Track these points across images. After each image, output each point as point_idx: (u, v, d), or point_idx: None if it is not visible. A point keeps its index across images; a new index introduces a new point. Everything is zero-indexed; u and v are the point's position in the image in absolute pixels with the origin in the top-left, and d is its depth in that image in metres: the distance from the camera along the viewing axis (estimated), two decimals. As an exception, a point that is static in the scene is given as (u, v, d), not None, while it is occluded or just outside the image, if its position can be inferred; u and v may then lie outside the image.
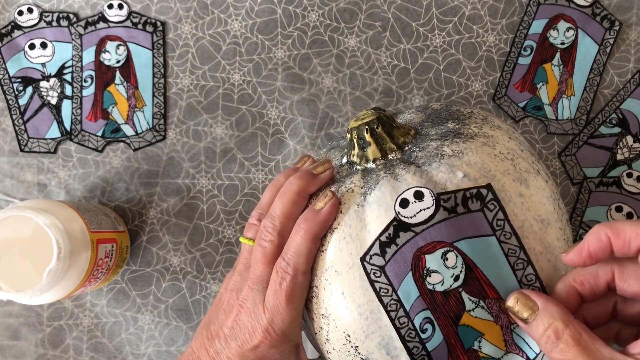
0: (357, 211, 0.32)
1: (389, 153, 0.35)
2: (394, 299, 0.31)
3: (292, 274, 0.33)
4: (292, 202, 0.34)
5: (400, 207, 0.31)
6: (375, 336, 0.31)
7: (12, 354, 0.51)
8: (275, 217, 0.34)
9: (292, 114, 0.52)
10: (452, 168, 0.32)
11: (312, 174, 0.35)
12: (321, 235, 0.33)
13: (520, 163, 0.33)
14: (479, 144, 0.33)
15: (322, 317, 0.33)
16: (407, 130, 0.36)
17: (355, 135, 0.36)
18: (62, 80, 0.52)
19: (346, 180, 0.35)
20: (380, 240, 0.31)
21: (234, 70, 0.52)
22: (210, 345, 0.35)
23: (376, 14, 0.53)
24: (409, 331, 0.31)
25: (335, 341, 0.33)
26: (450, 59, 0.52)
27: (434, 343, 0.31)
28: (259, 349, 0.33)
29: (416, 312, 0.31)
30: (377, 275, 0.31)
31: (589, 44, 0.52)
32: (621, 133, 0.51)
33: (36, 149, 0.52)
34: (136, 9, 0.53)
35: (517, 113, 0.52)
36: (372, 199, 0.32)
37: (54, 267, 0.39)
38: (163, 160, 0.52)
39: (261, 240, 0.35)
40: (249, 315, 0.34)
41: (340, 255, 0.32)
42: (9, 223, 0.41)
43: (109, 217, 0.48)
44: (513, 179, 0.32)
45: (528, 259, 0.31)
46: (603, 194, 0.50)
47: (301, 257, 0.33)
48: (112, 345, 0.51)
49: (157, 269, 0.51)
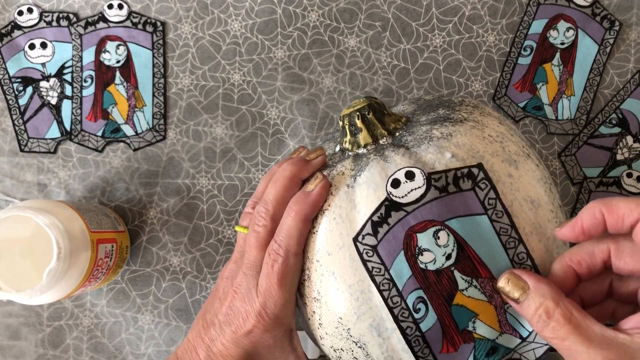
0: (347, 192, 0.33)
1: (380, 138, 0.36)
2: (386, 278, 0.31)
3: (284, 256, 0.33)
4: (285, 187, 0.35)
5: (391, 187, 0.31)
6: (366, 317, 0.31)
7: (12, 354, 0.51)
8: (268, 202, 0.35)
9: (292, 114, 0.52)
10: (440, 149, 0.32)
11: (305, 160, 0.36)
12: (312, 217, 0.33)
13: (510, 146, 0.33)
14: (468, 127, 0.34)
15: (315, 300, 0.33)
16: (398, 118, 0.37)
17: (347, 122, 0.36)
18: (62, 80, 0.52)
19: (337, 165, 0.35)
20: (372, 220, 0.31)
21: (234, 70, 0.52)
22: (205, 333, 0.35)
23: (376, 14, 0.53)
24: (402, 311, 0.31)
25: (327, 325, 0.33)
26: (450, 59, 0.52)
27: (427, 323, 0.31)
28: (252, 333, 0.33)
29: (409, 292, 0.31)
30: (369, 255, 0.31)
31: (589, 44, 0.52)
32: (621, 133, 0.51)
33: (36, 149, 0.52)
34: (136, 9, 0.53)
35: (517, 113, 0.52)
36: (362, 179, 0.33)
37: (54, 267, 0.39)
38: (163, 160, 0.52)
39: (255, 225, 0.35)
40: (243, 300, 0.34)
41: (330, 236, 0.32)
42: (9, 223, 0.41)
43: (109, 217, 0.48)
44: (502, 160, 0.32)
45: (519, 238, 0.31)
46: (603, 194, 0.50)
47: (292, 238, 0.33)
48: (112, 345, 0.51)
49: (157, 269, 0.51)
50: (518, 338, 0.31)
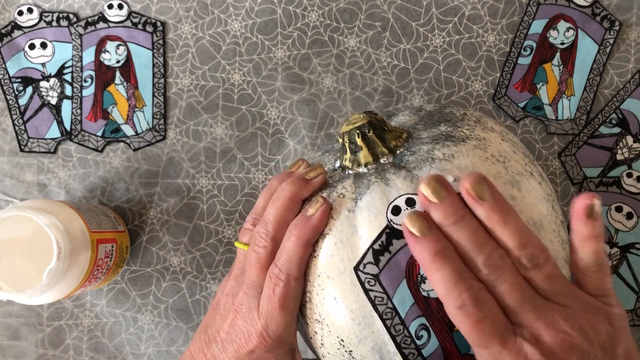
0: (347, 217, 0.33)
1: (380, 157, 0.35)
2: (389, 307, 0.31)
3: (285, 280, 0.33)
4: (285, 208, 0.34)
5: (392, 214, 0.31)
6: (368, 341, 0.31)
7: (12, 354, 0.51)
8: (268, 222, 0.35)
9: (292, 114, 0.52)
10: (442, 172, 0.32)
11: (305, 179, 0.35)
12: (313, 241, 0.33)
13: (513, 165, 0.33)
14: (470, 147, 0.33)
15: (316, 322, 0.33)
16: (399, 134, 0.36)
17: (347, 139, 0.36)
18: (62, 80, 0.52)
19: (338, 186, 0.35)
20: (374, 249, 0.31)
21: (234, 70, 0.52)
22: (207, 349, 0.35)
23: (376, 14, 0.53)
24: (404, 338, 0.31)
25: (329, 346, 0.33)
26: (450, 59, 0.52)
27: (429, 349, 0.31)
28: (254, 353, 0.33)
29: (411, 319, 0.31)
30: (371, 284, 0.31)
31: (589, 44, 0.52)
32: (621, 133, 0.51)
33: (36, 149, 0.52)
34: (136, 9, 0.53)
35: (517, 113, 0.52)
36: (363, 204, 0.32)
37: (54, 267, 0.39)
38: (163, 160, 0.52)
39: (255, 246, 0.35)
40: (245, 320, 0.34)
41: (331, 260, 0.32)
42: (9, 223, 0.41)
43: (109, 217, 0.48)
44: (504, 182, 0.32)
45: None
46: (603, 194, 0.50)
47: (293, 263, 0.33)
48: (112, 345, 0.51)
49: (157, 269, 0.51)
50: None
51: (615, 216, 0.50)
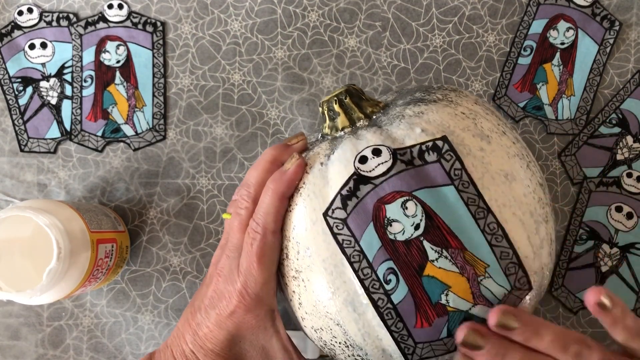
0: (320, 169, 0.34)
1: (357, 122, 0.36)
2: (356, 250, 0.31)
3: (262, 233, 0.33)
4: (266, 170, 0.36)
5: (359, 163, 0.32)
6: (340, 292, 0.32)
7: (12, 354, 0.51)
8: (250, 184, 0.36)
9: (292, 114, 0.52)
10: (411, 125, 0.33)
11: (286, 144, 0.37)
12: (288, 194, 0.34)
13: (483, 123, 0.34)
14: (441, 106, 0.34)
15: (293, 278, 0.34)
16: (376, 102, 0.37)
17: (326, 107, 0.37)
18: (62, 80, 0.52)
19: (315, 148, 0.36)
20: (342, 194, 0.32)
21: (234, 70, 0.52)
22: (192, 319, 0.36)
23: (376, 14, 0.53)
24: (372, 282, 0.31)
25: (306, 303, 0.33)
26: (450, 59, 0.52)
27: (399, 295, 0.31)
28: (235, 314, 0.34)
29: (379, 263, 0.31)
30: (339, 228, 0.32)
31: (589, 44, 0.52)
32: (621, 133, 0.51)
33: (36, 149, 0.52)
34: (136, 9, 0.53)
35: (517, 113, 0.52)
36: (335, 157, 0.33)
37: (54, 267, 0.39)
38: (163, 160, 0.52)
39: (237, 208, 0.36)
40: (226, 281, 0.35)
41: (305, 212, 0.33)
42: (9, 223, 0.41)
43: (109, 217, 0.48)
44: (473, 135, 0.33)
45: (487, 208, 0.31)
46: (603, 194, 0.50)
47: (269, 215, 0.34)
48: (112, 345, 0.51)
49: (157, 269, 0.51)
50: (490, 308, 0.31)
51: (615, 216, 0.50)
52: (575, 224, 0.50)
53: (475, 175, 0.31)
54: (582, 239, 0.50)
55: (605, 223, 0.50)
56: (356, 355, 0.33)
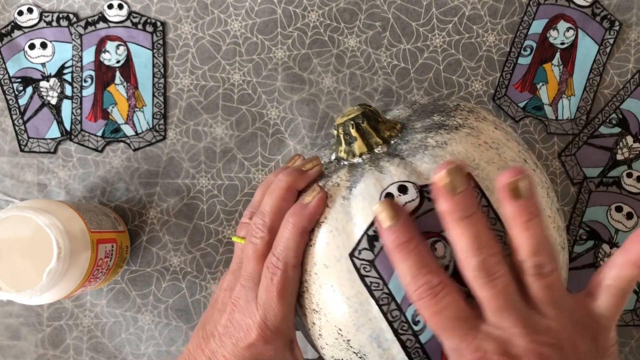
0: (342, 204, 0.33)
1: (375, 147, 0.35)
2: (385, 293, 0.31)
3: (283, 269, 0.33)
4: (281, 198, 0.34)
5: None
6: (365, 329, 0.31)
7: (12, 354, 0.51)
8: (265, 213, 0.35)
9: (292, 114, 0.52)
10: (435, 158, 0.32)
11: (301, 170, 0.36)
12: (309, 229, 0.33)
13: (506, 152, 0.33)
14: (463, 135, 0.33)
15: (314, 312, 0.33)
16: (393, 125, 0.36)
17: (342, 131, 0.36)
18: (62, 80, 0.52)
19: (333, 176, 0.35)
20: (368, 235, 0.31)
21: (234, 70, 0.52)
22: (206, 345, 0.35)
23: (376, 14, 0.53)
24: (401, 324, 0.31)
25: (327, 336, 0.33)
26: (450, 59, 0.52)
27: (427, 335, 0.31)
28: (254, 346, 0.33)
29: (408, 305, 0.31)
30: (367, 270, 0.31)
31: (589, 44, 0.52)
32: (621, 133, 0.51)
33: (36, 149, 0.52)
34: (136, 9, 0.53)
35: (517, 113, 0.52)
36: (357, 191, 0.32)
37: (54, 267, 0.39)
38: (163, 160, 0.52)
39: (252, 237, 0.35)
40: (243, 313, 0.34)
41: (327, 248, 0.32)
42: (9, 223, 0.41)
43: (109, 217, 0.48)
44: (498, 167, 0.32)
45: None
46: (603, 194, 0.50)
47: (290, 251, 0.33)
48: (112, 345, 0.51)
49: (157, 269, 0.51)
50: None
51: (615, 216, 0.50)
52: (575, 224, 0.50)
53: (501, 211, 0.31)
54: (582, 239, 0.50)
55: (605, 223, 0.50)
56: None
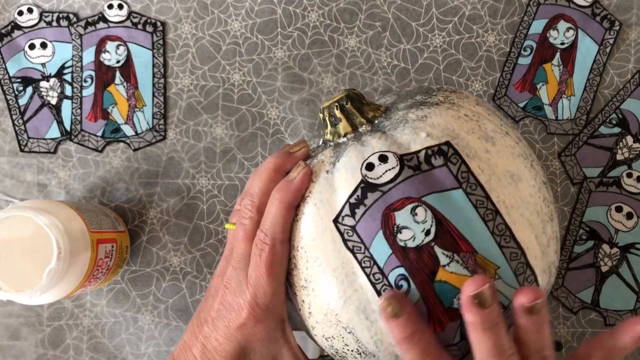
0: (326, 178, 0.33)
1: (359, 127, 0.36)
2: (367, 256, 0.31)
3: (270, 244, 0.33)
4: (269, 179, 0.35)
5: (366, 170, 0.32)
6: (352, 300, 0.32)
7: (12, 354, 0.51)
8: (253, 194, 0.35)
9: (292, 114, 0.52)
10: (415, 130, 0.33)
11: (288, 152, 0.37)
12: (295, 204, 0.34)
13: (486, 124, 0.34)
14: (444, 109, 0.34)
15: (303, 288, 0.34)
16: (377, 107, 0.37)
17: (327, 113, 0.37)
18: (62, 80, 0.52)
19: (318, 155, 0.36)
20: (350, 202, 0.32)
21: (234, 70, 0.52)
22: (199, 331, 0.35)
23: (376, 14, 0.53)
24: (384, 287, 0.31)
25: (316, 312, 0.33)
26: (450, 59, 0.52)
27: (411, 300, 0.31)
28: (245, 326, 0.34)
29: (390, 269, 0.31)
30: (349, 235, 0.32)
31: (589, 44, 0.52)
32: (621, 133, 0.51)
33: (36, 149, 0.52)
34: (136, 9, 0.53)
35: (517, 113, 0.52)
36: (340, 164, 0.33)
37: (54, 267, 0.39)
38: (163, 160, 0.52)
39: (242, 218, 0.35)
40: (234, 294, 0.34)
41: (313, 221, 0.33)
42: (9, 223, 0.41)
43: (109, 217, 0.48)
44: (478, 137, 0.33)
45: (496, 209, 0.31)
46: (603, 194, 0.50)
47: (277, 226, 0.33)
48: (112, 345, 0.51)
49: (157, 269, 0.51)
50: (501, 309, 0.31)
51: (615, 216, 0.50)
52: (575, 224, 0.50)
53: (482, 177, 0.31)
54: (582, 239, 0.50)
55: (605, 223, 0.50)
56: None
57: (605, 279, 0.50)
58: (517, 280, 0.31)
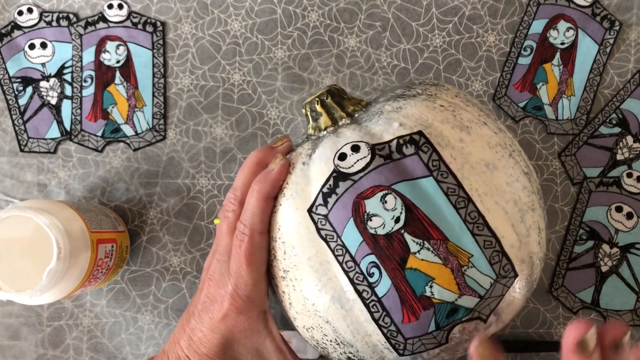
0: (302, 169, 0.34)
1: (339, 120, 0.37)
2: (339, 245, 0.32)
3: (249, 235, 0.34)
4: (252, 172, 0.36)
5: (338, 160, 0.33)
6: (327, 289, 0.32)
7: (12, 354, 0.51)
8: (236, 187, 0.36)
9: (292, 114, 0.52)
10: (389, 120, 0.33)
11: (271, 146, 0.37)
12: (273, 194, 0.34)
13: (463, 114, 0.34)
14: (420, 100, 0.35)
15: (282, 278, 0.34)
16: (358, 101, 0.38)
17: (309, 109, 0.38)
18: (62, 80, 0.52)
19: (298, 148, 0.37)
20: (323, 192, 0.32)
21: (234, 70, 0.52)
22: (187, 324, 0.36)
23: (376, 14, 0.53)
24: (357, 275, 0.31)
25: (296, 303, 0.34)
26: (450, 59, 0.52)
27: (383, 288, 0.31)
28: (227, 317, 0.34)
29: (361, 257, 0.31)
30: (322, 224, 0.32)
31: (589, 44, 0.52)
32: (621, 133, 0.51)
33: (36, 149, 0.52)
34: (136, 9, 0.53)
35: (517, 113, 0.52)
36: (316, 155, 0.34)
37: (54, 267, 0.39)
38: (163, 160, 0.52)
39: (225, 212, 0.36)
40: (217, 285, 0.35)
41: (289, 212, 0.33)
42: (9, 223, 0.41)
43: (109, 217, 0.48)
44: (452, 127, 0.33)
45: (468, 197, 0.31)
46: (603, 194, 0.50)
47: (256, 217, 0.34)
48: (112, 345, 0.51)
49: (157, 269, 0.51)
50: (477, 298, 0.31)
51: (615, 216, 0.50)
52: (575, 224, 0.50)
53: (454, 165, 0.32)
54: (582, 239, 0.50)
55: (605, 223, 0.50)
56: (348, 353, 0.33)
57: (605, 279, 0.50)
58: (493, 269, 0.31)
